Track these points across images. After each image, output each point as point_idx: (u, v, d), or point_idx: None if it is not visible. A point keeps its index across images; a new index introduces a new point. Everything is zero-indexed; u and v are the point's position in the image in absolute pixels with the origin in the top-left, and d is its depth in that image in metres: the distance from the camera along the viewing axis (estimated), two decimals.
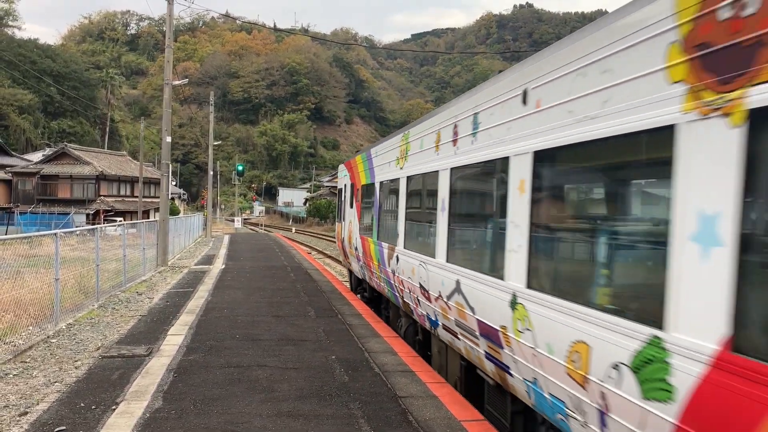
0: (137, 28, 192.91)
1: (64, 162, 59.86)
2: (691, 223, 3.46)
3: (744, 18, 3.14)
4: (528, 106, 5.65)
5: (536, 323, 5.25)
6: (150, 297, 15.42)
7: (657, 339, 3.67)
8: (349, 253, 17.10)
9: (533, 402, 5.67)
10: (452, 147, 7.89)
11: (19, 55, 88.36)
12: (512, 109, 5.99)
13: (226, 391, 7.57)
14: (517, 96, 5.87)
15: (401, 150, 10.96)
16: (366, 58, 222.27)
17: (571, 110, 4.82)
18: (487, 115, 6.66)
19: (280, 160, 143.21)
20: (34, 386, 7.89)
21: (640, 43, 3.98)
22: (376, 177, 13.37)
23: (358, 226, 15.45)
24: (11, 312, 10.52)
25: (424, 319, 9.47)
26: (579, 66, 4.75)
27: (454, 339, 7.86)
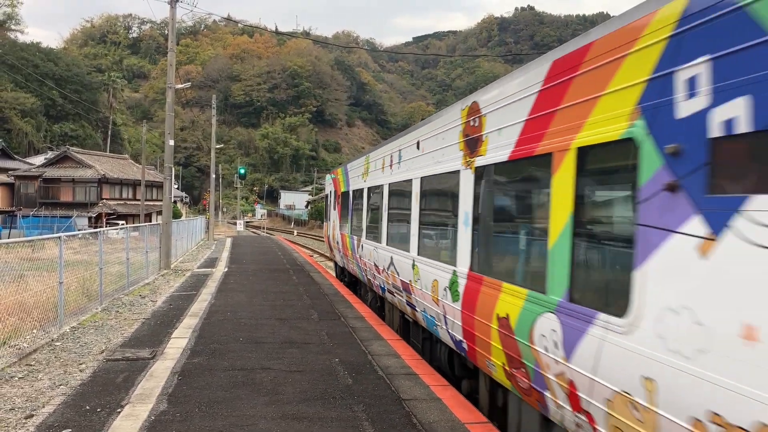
0: (139, 32, 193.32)
1: (66, 165, 59.99)
2: (462, 215, 7.58)
3: (473, 126, 7.27)
4: (420, 150, 9.82)
5: (421, 274, 9.29)
6: (153, 300, 15.46)
7: (455, 271, 7.68)
8: (333, 247, 21.40)
9: (425, 324, 9.54)
10: (390, 169, 12.15)
11: (21, 58, 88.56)
12: (414, 150, 10.20)
13: (231, 393, 7.60)
14: (414, 144, 10.18)
15: (365, 168, 15.11)
16: (367, 60, 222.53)
17: (433, 156, 9.01)
18: (405, 152, 10.89)
19: (282, 163, 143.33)
20: (39, 389, 7.93)
21: (451, 129, 8.15)
22: (350, 186, 17.35)
23: (339, 224, 19.52)
24: (15, 315, 10.56)
25: (378, 288, 13.38)
26: (437, 132, 8.85)
27: (393, 297, 11.71)
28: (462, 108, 7.71)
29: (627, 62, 4.28)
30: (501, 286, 6.27)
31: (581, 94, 4.87)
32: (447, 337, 8.26)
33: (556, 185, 5.20)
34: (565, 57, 5.23)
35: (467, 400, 7.66)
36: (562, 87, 5.21)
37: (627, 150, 4.20)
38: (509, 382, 6.20)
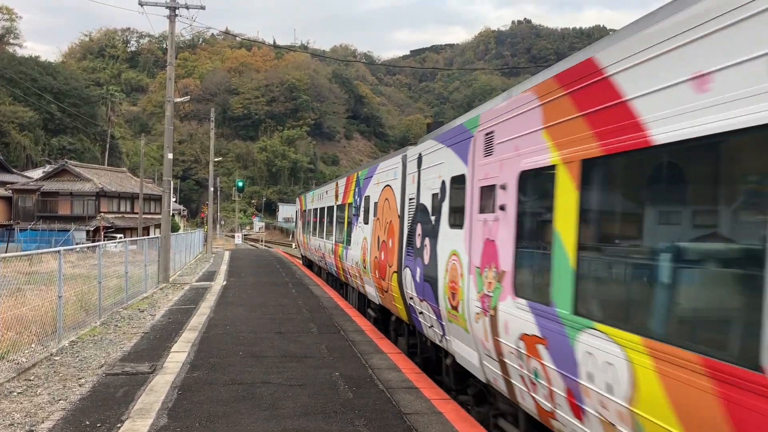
0: (137, 46, 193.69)
1: (64, 179, 59.94)
2: (342, 223, 18.10)
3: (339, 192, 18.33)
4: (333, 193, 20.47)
5: (327, 246, 20.94)
6: (152, 314, 15.42)
7: (334, 243, 20.22)
8: (301, 245, 34.51)
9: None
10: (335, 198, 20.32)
11: (20, 72, 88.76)
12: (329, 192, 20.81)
13: (231, 408, 7.57)
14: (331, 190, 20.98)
15: (313, 197, 28.19)
16: (365, 74, 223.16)
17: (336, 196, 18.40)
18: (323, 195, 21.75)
19: (280, 175, 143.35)
20: (38, 404, 7.88)
21: (332, 189, 21.07)
22: (307, 207, 30.45)
23: (302, 231, 33.06)
24: (13, 329, 10.52)
25: (327, 268, 22.69)
26: (328, 191, 22.03)
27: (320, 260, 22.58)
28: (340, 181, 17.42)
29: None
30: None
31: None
32: (334, 269, 20.68)
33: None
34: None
35: (468, 414, 7.64)
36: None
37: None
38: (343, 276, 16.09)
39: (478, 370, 7.31)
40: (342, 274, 18.82)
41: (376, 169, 14.02)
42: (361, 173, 16.10)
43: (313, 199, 27.97)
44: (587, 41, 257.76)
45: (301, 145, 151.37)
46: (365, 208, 14.99)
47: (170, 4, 24.35)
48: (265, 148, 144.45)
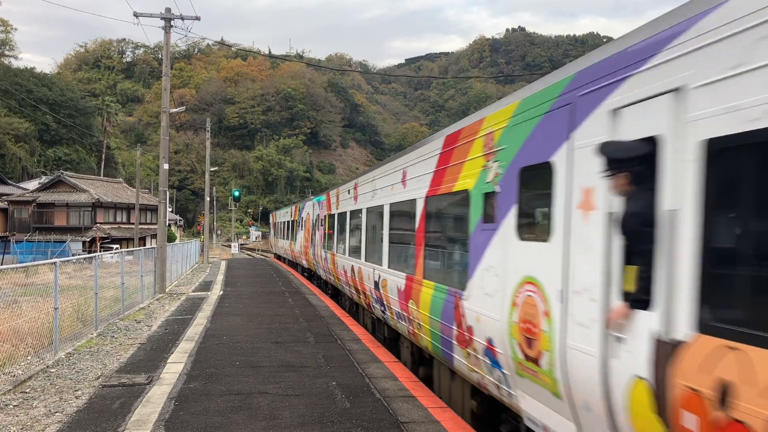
0: (133, 56, 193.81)
1: (60, 190, 59.85)
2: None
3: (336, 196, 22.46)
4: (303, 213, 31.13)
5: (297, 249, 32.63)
6: (149, 325, 15.39)
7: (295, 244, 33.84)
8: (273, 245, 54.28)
9: (301, 261, 31.53)
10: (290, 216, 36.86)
11: (15, 84, 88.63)
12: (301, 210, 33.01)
13: (228, 419, 7.56)
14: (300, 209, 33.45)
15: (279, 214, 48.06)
16: (361, 82, 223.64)
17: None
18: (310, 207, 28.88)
19: (277, 184, 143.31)
20: (34, 417, 7.86)
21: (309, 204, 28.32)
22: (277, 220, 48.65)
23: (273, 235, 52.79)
24: (9, 342, 10.50)
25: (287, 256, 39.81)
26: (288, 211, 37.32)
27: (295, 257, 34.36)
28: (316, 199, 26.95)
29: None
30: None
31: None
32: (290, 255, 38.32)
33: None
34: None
35: (466, 423, 7.63)
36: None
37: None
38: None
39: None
40: (294, 257, 35.89)
41: (304, 206, 30.01)
42: (300, 205, 33.00)
43: (279, 215, 47.53)
44: (581, 48, 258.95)
45: (297, 153, 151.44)
46: (301, 223, 30.76)
47: (165, 15, 24.41)
48: (261, 158, 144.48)
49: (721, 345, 3.42)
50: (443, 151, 8.52)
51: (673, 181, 3.89)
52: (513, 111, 6.34)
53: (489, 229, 6.71)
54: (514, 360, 5.99)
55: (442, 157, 8.56)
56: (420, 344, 9.77)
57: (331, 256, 19.34)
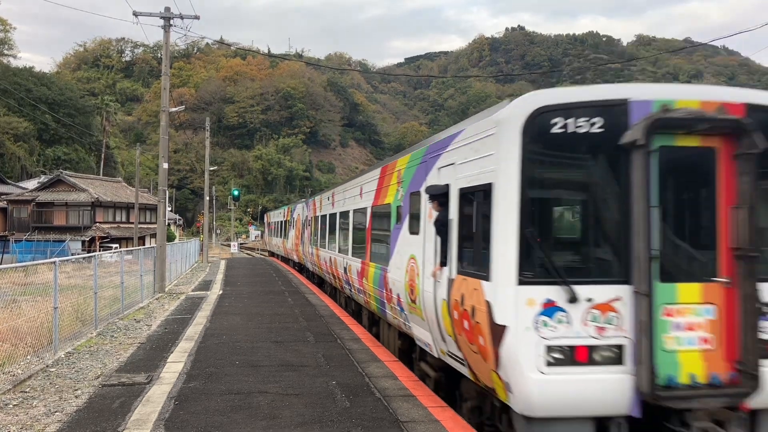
0: (132, 55, 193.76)
1: (59, 189, 59.80)
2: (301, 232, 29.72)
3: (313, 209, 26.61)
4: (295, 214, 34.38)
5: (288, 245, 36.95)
6: (148, 324, 15.39)
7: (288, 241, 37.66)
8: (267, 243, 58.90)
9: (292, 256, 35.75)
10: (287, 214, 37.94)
11: (14, 83, 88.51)
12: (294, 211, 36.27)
13: (228, 418, 7.56)
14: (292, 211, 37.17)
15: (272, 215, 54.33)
16: (360, 82, 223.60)
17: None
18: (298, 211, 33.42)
19: (276, 184, 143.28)
20: (34, 416, 7.86)
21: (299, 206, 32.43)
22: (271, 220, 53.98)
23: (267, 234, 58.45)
24: (9, 341, 10.49)
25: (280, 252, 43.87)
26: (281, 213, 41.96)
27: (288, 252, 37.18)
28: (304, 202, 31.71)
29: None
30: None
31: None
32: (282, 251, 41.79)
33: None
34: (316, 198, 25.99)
35: (466, 422, 7.64)
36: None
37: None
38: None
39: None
40: (286, 253, 39.19)
41: (295, 208, 33.98)
42: (291, 207, 37.04)
43: (272, 216, 53.03)
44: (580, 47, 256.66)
45: (297, 153, 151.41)
46: (292, 223, 34.45)
47: (165, 14, 24.40)
48: (260, 157, 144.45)
49: (463, 279, 7.25)
50: (380, 177, 12.80)
51: (453, 206, 7.79)
52: (408, 160, 10.53)
53: (398, 228, 10.62)
54: (407, 304, 9.78)
55: (380, 181, 12.74)
56: (371, 309, 13.72)
57: (315, 250, 23.47)
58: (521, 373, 6.06)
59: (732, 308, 6.24)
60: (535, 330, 6.08)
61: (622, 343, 6.16)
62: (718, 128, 6.29)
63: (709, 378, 6.16)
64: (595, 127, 6.31)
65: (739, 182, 6.27)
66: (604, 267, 6.41)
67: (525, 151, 6.27)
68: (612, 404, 6.09)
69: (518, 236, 6.20)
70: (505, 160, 6.38)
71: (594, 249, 6.53)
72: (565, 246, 6.70)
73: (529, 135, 6.27)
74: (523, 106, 6.44)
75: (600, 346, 6.15)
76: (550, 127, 6.30)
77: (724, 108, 6.34)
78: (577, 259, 6.55)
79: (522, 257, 6.17)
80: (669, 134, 6.29)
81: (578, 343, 6.13)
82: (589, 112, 6.32)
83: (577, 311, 6.13)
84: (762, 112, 6.45)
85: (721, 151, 6.36)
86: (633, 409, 6.07)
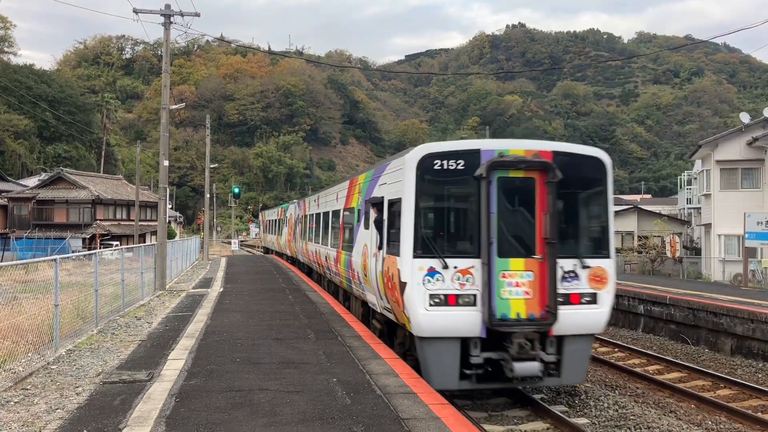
0: (132, 53, 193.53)
1: (60, 187, 59.84)
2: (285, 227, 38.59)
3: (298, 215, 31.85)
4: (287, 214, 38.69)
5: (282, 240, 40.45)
6: (149, 321, 15.39)
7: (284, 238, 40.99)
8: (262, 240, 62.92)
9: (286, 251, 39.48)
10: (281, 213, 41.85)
11: (14, 80, 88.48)
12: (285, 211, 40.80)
13: (229, 415, 7.56)
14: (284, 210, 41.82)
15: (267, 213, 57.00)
16: (361, 79, 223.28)
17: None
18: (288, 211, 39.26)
19: (277, 181, 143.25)
20: (35, 413, 7.87)
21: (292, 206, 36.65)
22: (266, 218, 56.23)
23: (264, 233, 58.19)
24: (9, 339, 10.49)
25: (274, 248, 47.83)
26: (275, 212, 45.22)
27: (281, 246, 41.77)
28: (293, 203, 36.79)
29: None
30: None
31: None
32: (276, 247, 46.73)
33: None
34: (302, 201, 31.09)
35: (467, 419, 7.65)
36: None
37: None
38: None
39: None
40: (280, 248, 43.14)
41: (288, 208, 37.29)
42: (284, 207, 40.30)
43: (267, 215, 56.21)
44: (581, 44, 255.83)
45: (297, 150, 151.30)
46: (285, 221, 37.93)
47: (165, 11, 24.36)
48: (261, 154, 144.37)
49: (389, 257, 11.22)
50: (348, 187, 16.82)
51: (384, 211, 11.70)
52: (364, 177, 14.55)
53: (358, 225, 14.32)
54: (363, 278, 13.59)
55: (348, 190, 16.65)
56: (344, 287, 17.75)
57: (305, 244, 27.27)
58: (416, 310, 10.20)
59: (543, 274, 10.32)
60: (423, 285, 10.20)
61: (475, 293, 10.24)
62: (535, 166, 10.43)
63: (528, 315, 10.28)
64: (459, 165, 10.42)
65: (547, 198, 10.37)
66: (464, 248, 10.56)
67: (417, 179, 10.41)
68: (469, 329, 10.17)
69: (414, 230, 10.34)
70: (407, 184, 10.50)
71: (458, 237, 10.93)
72: (441, 235, 10.71)
73: (421, 170, 10.44)
74: (418, 152, 10.59)
75: (461, 295, 10.24)
76: (433, 165, 10.42)
77: (539, 154, 10.51)
78: (448, 243, 10.66)
79: (416, 242, 10.31)
80: (505, 169, 10.42)
81: (448, 293, 10.23)
82: (455, 156, 10.45)
83: (447, 274, 10.25)
84: (562, 156, 10.67)
85: (537, 179, 10.46)
86: (482, 333, 10.18)
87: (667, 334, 20.34)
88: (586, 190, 11.08)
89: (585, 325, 10.65)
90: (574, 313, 10.46)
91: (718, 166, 34.93)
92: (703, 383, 14.61)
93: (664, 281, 28.26)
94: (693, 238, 47.58)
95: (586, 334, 10.80)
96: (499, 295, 10.17)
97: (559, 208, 10.60)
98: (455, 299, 10.19)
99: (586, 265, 10.65)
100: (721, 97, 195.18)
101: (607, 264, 10.82)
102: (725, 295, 21.20)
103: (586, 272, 10.65)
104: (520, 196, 10.63)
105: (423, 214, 10.57)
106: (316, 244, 22.99)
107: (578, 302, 10.57)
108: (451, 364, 10.25)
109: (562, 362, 10.60)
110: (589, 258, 10.72)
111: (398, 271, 10.50)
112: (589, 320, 10.65)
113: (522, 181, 10.52)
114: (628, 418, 10.99)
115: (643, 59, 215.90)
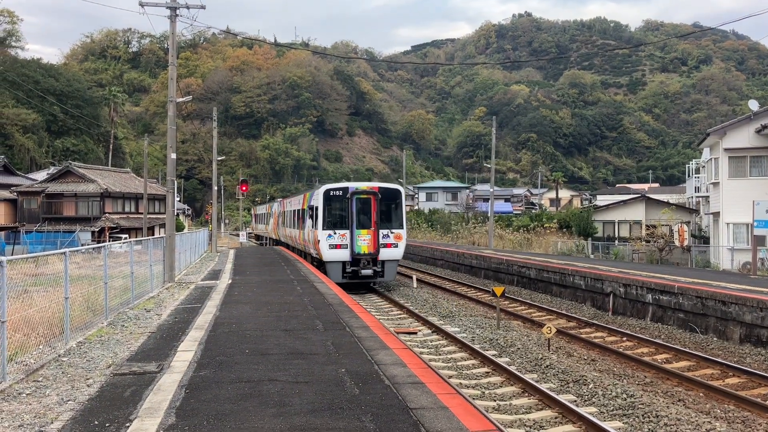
0: (139, 46, 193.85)
1: (68, 180, 60.08)
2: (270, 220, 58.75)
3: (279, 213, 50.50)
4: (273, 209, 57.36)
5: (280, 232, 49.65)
6: (158, 313, 15.49)
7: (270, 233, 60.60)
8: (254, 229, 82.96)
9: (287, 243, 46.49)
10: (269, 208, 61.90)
11: (22, 75, 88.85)
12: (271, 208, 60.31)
13: (238, 406, 7.61)
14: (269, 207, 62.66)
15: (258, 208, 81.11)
16: (367, 70, 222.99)
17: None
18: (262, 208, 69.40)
19: (284, 173, 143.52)
20: (47, 405, 7.94)
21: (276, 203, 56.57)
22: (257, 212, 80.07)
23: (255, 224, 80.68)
24: (21, 331, 10.58)
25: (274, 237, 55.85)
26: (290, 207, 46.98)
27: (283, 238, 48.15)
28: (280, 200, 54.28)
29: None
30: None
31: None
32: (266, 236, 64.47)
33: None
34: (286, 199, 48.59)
35: (475, 409, 7.67)
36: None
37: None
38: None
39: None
40: (268, 234, 58.74)
41: (273, 205, 57.06)
42: (271, 204, 60.24)
43: (258, 209, 76.80)
44: (588, 33, 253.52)
45: (304, 142, 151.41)
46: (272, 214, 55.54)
47: (171, 4, 24.36)
48: (267, 146, 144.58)
49: (314, 230, 27.82)
50: (303, 197, 32.98)
51: (314, 211, 28.04)
52: (308, 195, 31.18)
53: (307, 217, 30.06)
54: (308, 241, 30.19)
55: (303, 199, 32.81)
56: (305, 251, 32.76)
57: (283, 229, 43.32)
58: (324, 251, 26.12)
59: (375, 236, 26.03)
60: (326, 240, 25.98)
61: (347, 243, 25.93)
62: (371, 193, 26.32)
63: (368, 252, 26.07)
64: (340, 193, 26.32)
65: (376, 205, 26.21)
66: (343, 226, 26.17)
67: (324, 198, 26.32)
68: (345, 258, 26.01)
69: (323, 218, 26.26)
70: (320, 200, 26.36)
71: (341, 222, 26.28)
72: (334, 221, 26.30)
73: (324, 196, 26.32)
74: (324, 188, 26.82)
75: (342, 244, 25.90)
76: (330, 193, 26.51)
77: (374, 189, 26.67)
78: (337, 224, 26.21)
79: (324, 223, 26.21)
80: (359, 194, 26.16)
81: (336, 243, 25.91)
82: (339, 189, 26.54)
83: (336, 236, 25.95)
84: (383, 188, 27.08)
85: (372, 198, 26.21)
86: (350, 259, 25.98)
87: (675, 323, 20.29)
88: (392, 202, 26.76)
89: (392, 255, 26.41)
90: (388, 251, 26.20)
91: (726, 155, 34.69)
92: (712, 372, 14.58)
93: (672, 270, 28.21)
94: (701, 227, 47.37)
95: (393, 260, 26.58)
96: (357, 244, 25.84)
97: (382, 209, 26.35)
98: (339, 246, 25.81)
99: (392, 232, 26.21)
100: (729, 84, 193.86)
101: (401, 231, 26.54)
102: (734, 284, 21.14)
103: (392, 234, 26.19)
104: (365, 205, 26.12)
105: (327, 212, 26.25)
106: (291, 229, 38.96)
107: (390, 247, 26.17)
108: (338, 272, 25.85)
109: (384, 271, 26.29)
110: (393, 229, 26.33)
111: (317, 235, 26.37)
112: (394, 254, 26.41)
113: (366, 199, 26.13)
114: (637, 407, 11.00)
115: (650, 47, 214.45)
